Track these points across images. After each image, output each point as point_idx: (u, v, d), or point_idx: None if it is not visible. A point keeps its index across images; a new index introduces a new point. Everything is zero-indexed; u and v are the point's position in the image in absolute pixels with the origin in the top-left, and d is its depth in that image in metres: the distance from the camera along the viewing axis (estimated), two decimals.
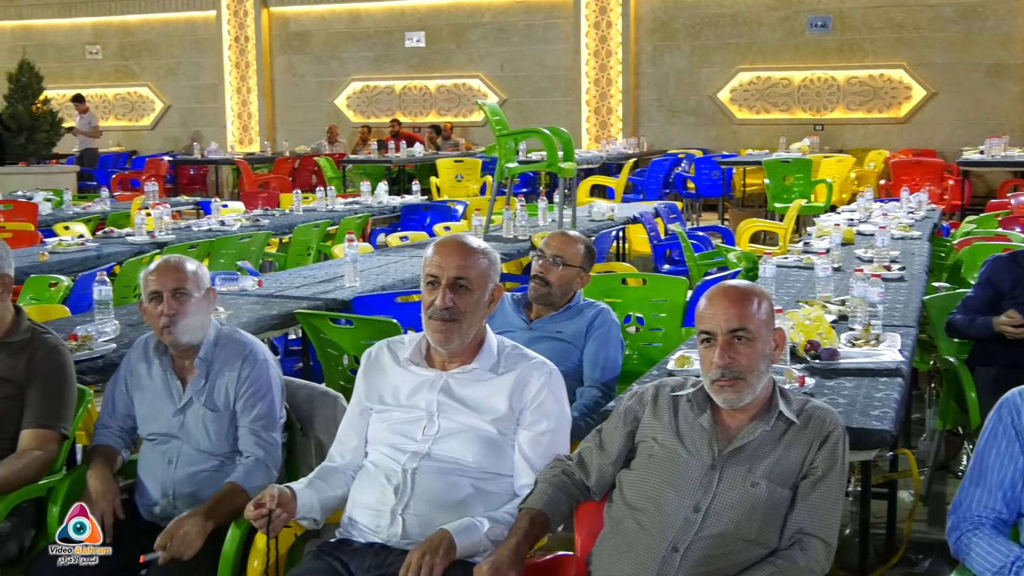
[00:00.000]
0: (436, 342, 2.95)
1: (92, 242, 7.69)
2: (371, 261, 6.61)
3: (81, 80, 20.93)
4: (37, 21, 21.52)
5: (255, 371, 3.32)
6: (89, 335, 4.21)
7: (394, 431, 2.96)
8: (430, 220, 10.16)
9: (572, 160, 8.47)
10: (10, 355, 3.40)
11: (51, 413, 3.36)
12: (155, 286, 3.31)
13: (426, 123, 18.92)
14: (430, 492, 2.85)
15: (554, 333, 4.17)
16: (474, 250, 2.97)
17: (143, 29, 20.90)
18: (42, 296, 5.81)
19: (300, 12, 19.87)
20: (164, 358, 3.40)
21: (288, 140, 19.12)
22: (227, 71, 20.18)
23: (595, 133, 18.22)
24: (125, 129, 21.21)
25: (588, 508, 2.87)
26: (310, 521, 2.98)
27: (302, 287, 5.71)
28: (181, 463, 3.30)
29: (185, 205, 11.73)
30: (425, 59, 19.24)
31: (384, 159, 15.93)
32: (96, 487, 3.26)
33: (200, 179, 18.49)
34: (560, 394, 2.98)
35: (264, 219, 9.26)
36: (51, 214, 9.97)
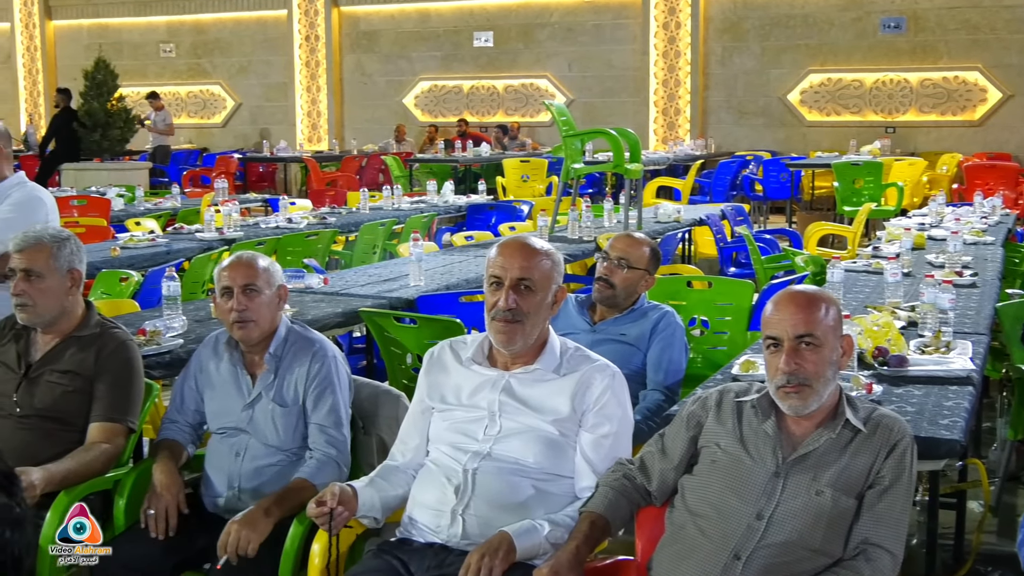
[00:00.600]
0: (499, 343, 2.95)
1: (162, 238, 7.79)
2: (436, 260, 6.64)
3: (155, 78, 21.26)
4: (113, 20, 21.89)
5: (324, 367, 3.34)
6: (157, 330, 4.26)
7: (455, 431, 2.97)
8: (495, 220, 10.17)
9: (638, 161, 8.43)
10: (80, 349, 3.46)
11: (118, 407, 3.41)
12: (226, 282, 3.35)
13: (493, 123, 18.94)
14: (491, 493, 2.85)
15: (618, 335, 4.15)
16: (537, 251, 2.96)
17: (216, 28, 21.17)
18: (112, 291, 5.90)
19: (370, 11, 20.00)
20: (234, 353, 3.44)
21: (356, 139, 19.25)
22: (297, 70, 20.37)
23: (662, 134, 18.12)
24: (197, 127, 21.51)
25: (649, 513, 2.85)
26: (371, 520, 2.99)
27: (367, 285, 5.75)
28: (248, 457, 3.33)
29: (254, 202, 11.85)
30: (493, 59, 19.27)
31: (451, 158, 15.99)
32: (161, 480, 3.30)
33: (269, 176, 18.69)
34: (623, 397, 2.96)
35: (331, 217, 9.33)
36: (123, 210, 10.12)
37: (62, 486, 3.20)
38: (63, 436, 3.39)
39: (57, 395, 3.41)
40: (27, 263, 3.44)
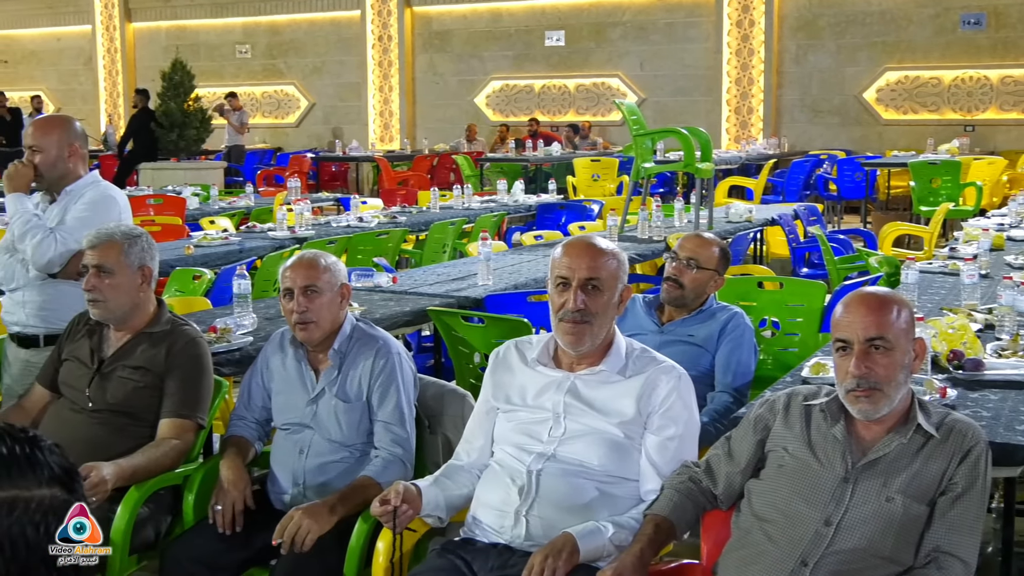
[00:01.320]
0: (567, 344, 2.93)
1: (235, 236, 7.88)
2: (505, 260, 6.63)
3: (231, 78, 21.55)
4: (190, 21, 22.23)
5: (388, 364, 3.35)
6: (228, 328, 4.31)
7: (520, 431, 2.95)
8: (565, 219, 10.15)
9: (709, 160, 8.36)
10: (151, 345, 3.51)
11: (188, 403, 3.45)
12: (288, 283, 3.37)
13: (564, 122, 18.91)
14: (555, 494, 2.83)
15: (686, 336, 4.11)
16: (604, 251, 2.93)
17: (290, 29, 21.40)
18: (186, 288, 5.98)
19: (442, 11, 20.07)
20: (299, 350, 3.46)
21: (428, 138, 19.34)
22: (370, 70, 20.51)
23: (735, 133, 17.96)
24: (271, 126, 21.76)
25: (715, 516, 2.82)
26: (435, 519, 2.99)
27: (435, 284, 5.76)
28: (312, 453, 3.35)
29: (326, 201, 11.95)
30: (564, 58, 19.24)
31: (522, 158, 15.99)
32: (228, 476, 3.33)
33: (341, 176, 18.84)
34: (689, 399, 2.93)
35: (401, 216, 9.37)
36: (198, 209, 10.27)
37: (132, 481, 3.25)
38: (134, 431, 3.45)
39: (128, 390, 3.46)
40: (99, 259, 3.50)
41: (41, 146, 4.09)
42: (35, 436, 1.22)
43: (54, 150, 4.09)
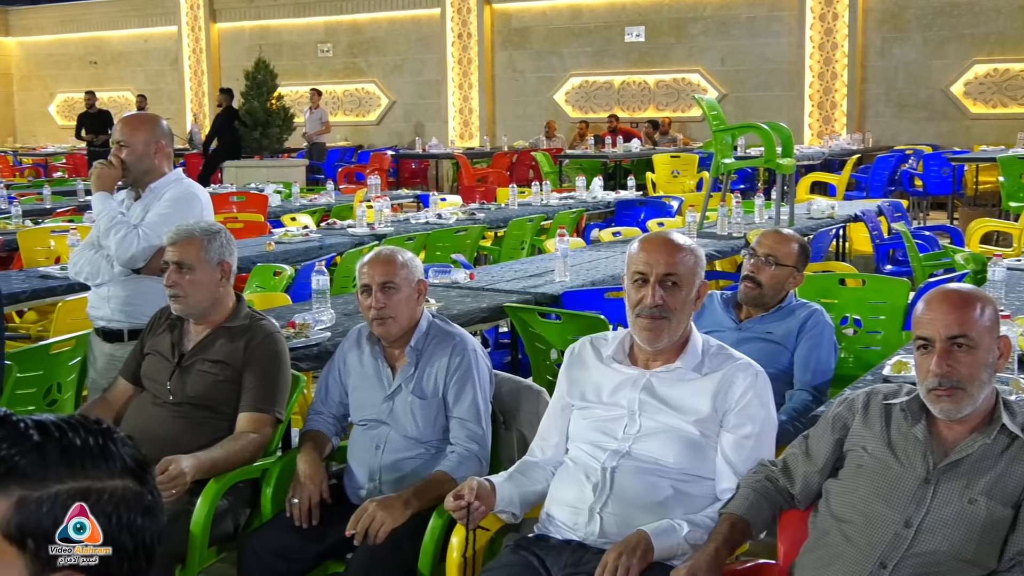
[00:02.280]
0: (644, 340, 2.91)
1: (315, 233, 7.96)
2: (582, 256, 6.61)
3: (312, 77, 21.79)
4: (273, 21, 22.52)
5: (464, 361, 3.36)
6: (306, 323, 4.35)
7: (595, 428, 2.94)
8: (644, 216, 10.10)
9: (791, 156, 8.25)
10: (230, 340, 3.56)
11: (266, 398, 3.49)
12: (365, 279, 3.39)
13: (644, 118, 18.81)
14: (629, 492, 2.81)
15: (764, 334, 4.06)
16: (681, 246, 2.91)
17: (371, 27, 21.57)
18: (267, 284, 6.05)
19: (522, 8, 20.09)
20: (376, 346, 3.49)
21: (507, 135, 19.37)
22: (450, 67, 20.61)
23: (818, 128, 17.71)
24: (352, 124, 21.96)
25: (792, 516, 2.77)
26: (509, 515, 2.99)
27: (513, 280, 5.76)
28: (388, 449, 3.37)
29: (405, 198, 12.02)
30: (644, 54, 19.13)
31: (601, 154, 15.94)
32: (304, 471, 3.37)
33: (421, 173, 18.96)
34: (766, 397, 2.89)
35: (480, 213, 9.40)
36: (280, 206, 10.40)
37: (211, 474, 3.29)
38: (213, 424, 3.50)
39: (208, 384, 3.52)
40: (179, 256, 3.56)
41: (129, 142, 4.17)
42: (108, 427, 1.24)
43: (141, 146, 4.17)
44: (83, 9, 25.04)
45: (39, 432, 1.19)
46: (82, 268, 4.23)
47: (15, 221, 8.48)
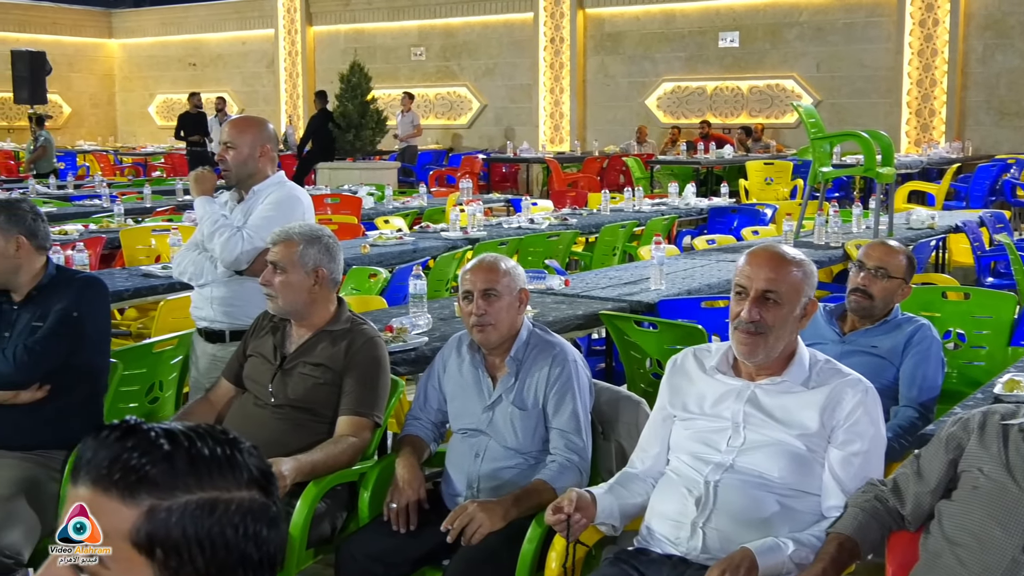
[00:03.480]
0: (740, 354, 2.87)
1: (409, 236, 8.00)
2: (677, 264, 6.55)
3: (405, 80, 21.96)
4: (368, 25, 22.75)
5: (564, 372, 3.34)
6: (404, 328, 4.36)
7: (697, 440, 2.90)
8: (737, 223, 9.99)
9: (891, 165, 8.09)
10: (331, 343, 3.58)
11: (366, 401, 3.51)
12: (468, 285, 3.39)
13: (736, 124, 18.61)
14: (733, 507, 2.76)
15: (868, 348, 3.97)
16: (787, 261, 2.85)
17: (464, 31, 21.68)
18: (362, 287, 6.10)
19: (615, 13, 20.02)
20: (476, 355, 3.48)
21: (597, 140, 19.32)
22: (541, 71, 20.61)
23: (915, 136, 17.36)
24: (443, 127, 22.08)
25: (901, 538, 2.70)
26: (608, 527, 2.96)
27: (608, 288, 5.72)
28: (487, 458, 3.36)
29: (496, 202, 12.04)
30: (738, 59, 18.94)
31: (692, 160, 15.81)
32: (403, 475, 3.38)
33: (512, 177, 18.99)
34: (876, 414, 2.82)
35: (572, 218, 9.37)
36: (373, 208, 10.48)
37: (311, 476, 3.32)
38: (313, 427, 3.52)
39: (308, 387, 3.54)
40: (276, 256, 3.60)
41: (235, 143, 4.23)
42: (235, 438, 1.24)
43: (246, 148, 4.23)
44: (183, 12, 25.57)
45: (169, 441, 1.20)
46: (186, 268, 4.30)
47: (117, 220, 8.66)
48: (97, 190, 12.07)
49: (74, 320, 3.70)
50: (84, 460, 1.20)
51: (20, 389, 3.65)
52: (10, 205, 3.83)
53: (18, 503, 3.46)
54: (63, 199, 11.59)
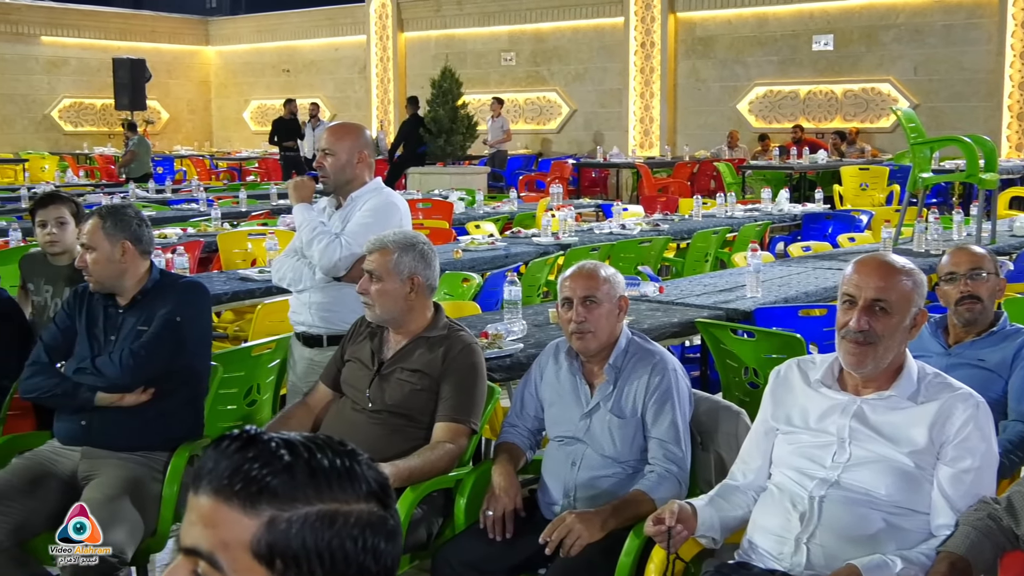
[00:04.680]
0: (848, 364, 2.80)
1: (501, 241, 8.01)
2: (772, 271, 6.45)
3: (495, 85, 22.01)
4: (459, 30, 22.86)
5: (664, 381, 3.31)
6: (499, 334, 4.36)
7: (801, 455, 2.84)
8: (832, 230, 9.82)
9: (994, 170, 7.89)
10: (428, 349, 3.59)
11: (463, 408, 3.51)
12: (567, 292, 3.38)
13: (830, 129, 18.32)
14: (838, 523, 2.70)
15: (975, 360, 3.85)
16: (897, 270, 2.78)
17: (554, 36, 21.67)
18: (455, 292, 6.11)
19: (706, 17, 19.85)
20: (574, 362, 3.46)
21: (688, 145, 19.17)
22: (631, 76, 20.50)
23: (1016, 140, 16.91)
24: (532, 132, 22.09)
25: (1016, 558, 2.62)
26: (709, 540, 2.92)
27: (703, 295, 5.66)
28: (584, 466, 3.34)
29: (586, 207, 12.01)
30: (832, 62, 18.64)
31: (785, 165, 15.59)
32: (500, 483, 3.37)
33: (601, 182, 18.93)
34: (987, 429, 2.74)
35: (664, 224, 9.30)
36: (464, 213, 10.52)
37: (408, 482, 3.33)
38: (410, 432, 3.53)
39: (406, 392, 3.55)
40: (371, 265, 3.62)
41: (334, 150, 4.26)
42: (353, 449, 1.24)
43: (344, 155, 4.27)
44: (278, 19, 25.96)
45: (289, 452, 1.20)
46: (285, 274, 4.35)
47: (215, 223, 8.81)
48: (194, 194, 12.31)
49: (177, 325, 3.76)
50: (205, 470, 1.20)
51: (125, 392, 3.72)
52: (116, 211, 3.90)
53: (123, 503, 3.53)
54: (162, 203, 11.84)
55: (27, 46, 23.75)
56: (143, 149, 16.35)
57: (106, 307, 3.87)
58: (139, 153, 16.18)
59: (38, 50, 24.00)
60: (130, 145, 16.59)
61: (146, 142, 17.03)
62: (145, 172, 15.96)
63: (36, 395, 3.84)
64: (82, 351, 3.82)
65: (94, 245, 3.80)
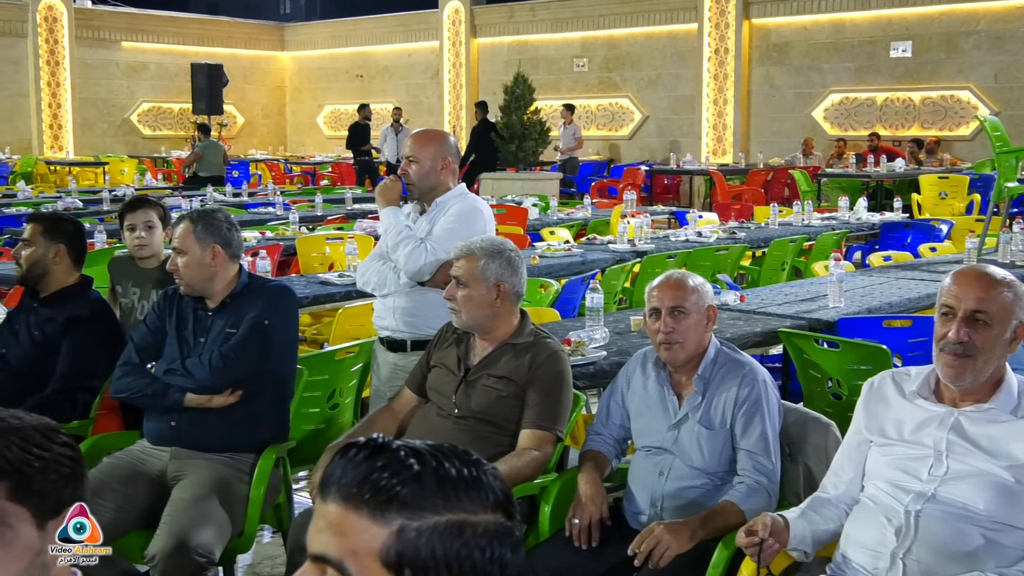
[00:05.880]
0: (946, 377, 2.76)
1: (577, 248, 8.00)
2: (853, 281, 6.36)
3: (567, 91, 22.01)
4: (532, 36, 22.89)
5: (754, 392, 3.28)
6: (582, 341, 4.35)
7: (896, 467, 2.80)
8: (911, 239, 9.68)
9: None
10: (514, 356, 3.58)
11: (549, 415, 3.50)
12: (655, 302, 3.36)
13: (907, 136, 18.05)
14: (935, 538, 2.65)
15: None
16: (997, 282, 2.73)
17: (627, 42, 21.61)
18: (532, 298, 6.10)
19: (782, 23, 19.67)
20: (662, 372, 3.44)
21: (762, 152, 19.00)
22: (705, 82, 20.37)
23: None
24: (604, 139, 22.05)
25: None
26: (800, 553, 2.88)
27: (784, 304, 5.60)
28: (671, 477, 3.32)
29: (660, 214, 11.95)
30: (911, 69, 18.37)
31: (861, 173, 15.39)
32: (586, 491, 3.36)
33: (673, 189, 18.83)
34: None
35: (740, 232, 9.22)
36: (537, 219, 10.51)
37: None
38: (495, 439, 3.53)
39: (492, 399, 3.56)
40: (458, 271, 3.63)
41: (417, 157, 4.28)
42: (478, 459, 1.24)
43: (428, 162, 4.28)
44: (352, 25, 26.21)
45: (417, 461, 1.20)
46: (369, 278, 4.37)
47: (292, 227, 8.90)
48: (270, 198, 12.45)
49: (265, 328, 3.81)
50: (333, 478, 1.21)
51: (214, 394, 3.77)
52: (206, 215, 3.96)
53: (211, 503, 3.57)
54: (238, 207, 11.99)
55: (108, 51, 24.23)
56: (211, 151, 16.57)
57: (195, 310, 3.92)
58: (205, 155, 16.41)
59: (118, 55, 24.47)
60: (196, 146, 16.84)
61: (218, 145, 17.25)
62: (215, 174, 16.19)
63: (127, 395, 3.91)
64: (171, 353, 3.88)
65: (185, 249, 3.86)
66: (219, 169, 16.59)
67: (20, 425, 1.62)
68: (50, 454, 1.63)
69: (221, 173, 16.63)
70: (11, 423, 1.62)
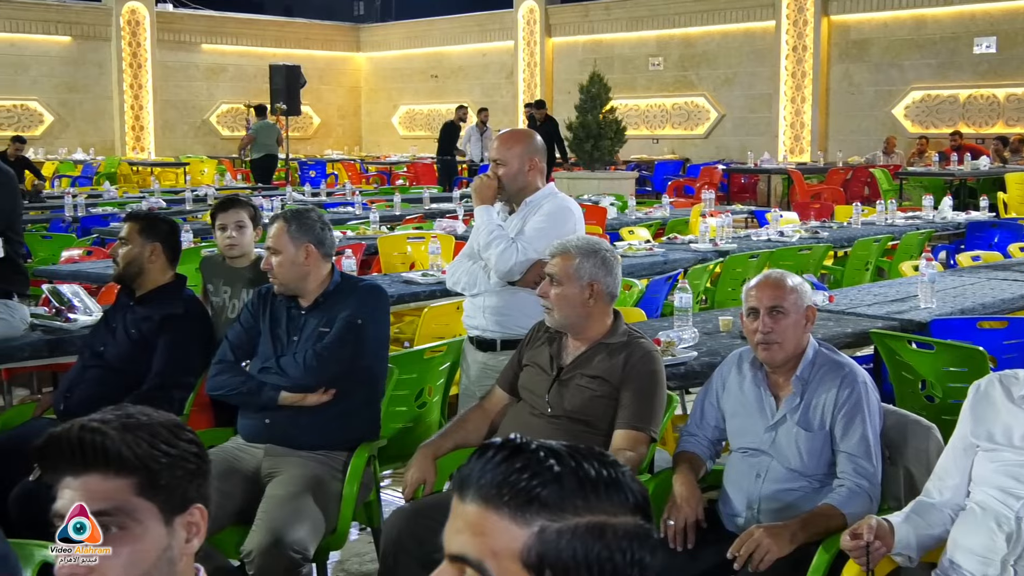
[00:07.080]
0: None
1: (659, 247, 7.95)
2: (944, 281, 6.24)
3: (643, 90, 21.93)
4: (607, 35, 22.83)
5: (854, 394, 3.23)
6: (671, 341, 4.32)
7: (1005, 473, 2.74)
8: (998, 239, 9.48)
9: None
10: (608, 356, 3.57)
11: (643, 416, 3.47)
12: (753, 302, 3.33)
13: (991, 134, 17.70)
14: None
15: None
16: None
17: (703, 41, 21.46)
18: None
19: (861, 20, 19.40)
20: (758, 373, 3.40)
21: (841, 150, 18.76)
22: (782, 80, 20.15)
23: None
24: (679, 137, 21.92)
25: None
26: (904, 558, 2.84)
27: (874, 305, 5.52)
28: (769, 479, 3.28)
29: (738, 214, 11.84)
30: (995, 66, 18.02)
31: (944, 172, 15.10)
32: (681, 492, 3.33)
33: (751, 188, 18.65)
34: None
35: (823, 231, 9.11)
36: (616, 218, 10.47)
37: None
38: (589, 439, 3.50)
39: (585, 399, 3.54)
40: (552, 269, 3.62)
41: (504, 159, 4.27)
42: (615, 460, 1.23)
43: (516, 163, 4.27)
44: (427, 25, 26.35)
45: (557, 462, 1.20)
46: (459, 278, 4.38)
47: (373, 227, 8.97)
48: (348, 198, 12.55)
49: (358, 327, 3.83)
50: (472, 479, 1.21)
51: (308, 392, 3.80)
52: (299, 215, 4.00)
53: (305, 500, 3.60)
54: (317, 207, 12.09)
55: (188, 54, 24.63)
56: (264, 132, 16.69)
57: (289, 308, 3.96)
58: (259, 136, 16.53)
59: (198, 57, 24.87)
60: (251, 128, 17.01)
61: (273, 126, 17.41)
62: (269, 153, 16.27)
63: (222, 392, 3.96)
64: (265, 351, 3.93)
65: (279, 248, 3.90)
66: (272, 149, 16.72)
67: (148, 422, 1.65)
68: (177, 450, 1.66)
69: (275, 152, 16.74)
70: (139, 419, 1.65)
